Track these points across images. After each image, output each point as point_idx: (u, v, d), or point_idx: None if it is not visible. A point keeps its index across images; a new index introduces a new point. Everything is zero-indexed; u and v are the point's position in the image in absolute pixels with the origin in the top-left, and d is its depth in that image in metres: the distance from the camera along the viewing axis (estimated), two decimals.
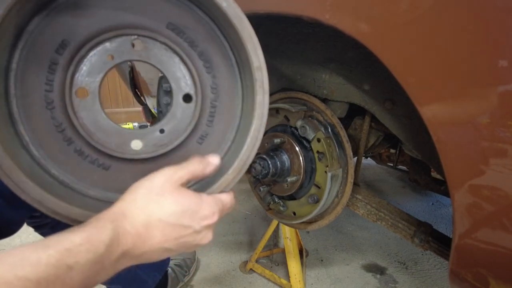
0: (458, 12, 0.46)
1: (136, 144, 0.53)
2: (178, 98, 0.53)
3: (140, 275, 1.18)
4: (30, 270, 0.33)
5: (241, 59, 0.53)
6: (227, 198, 0.52)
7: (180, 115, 0.53)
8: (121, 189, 0.47)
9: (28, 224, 1.00)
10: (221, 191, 0.52)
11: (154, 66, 0.52)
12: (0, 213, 0.72)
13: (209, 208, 0.48)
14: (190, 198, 0.47)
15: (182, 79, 0.52)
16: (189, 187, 0.53)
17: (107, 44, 0.49)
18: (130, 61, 0.54)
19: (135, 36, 0.50)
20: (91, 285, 0.40)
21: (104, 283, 0.51)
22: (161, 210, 0.45)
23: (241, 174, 0.52)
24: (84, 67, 0.48)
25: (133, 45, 0.50)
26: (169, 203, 0.46)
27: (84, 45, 0.48)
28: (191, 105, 0.53)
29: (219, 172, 0.53)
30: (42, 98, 0.47)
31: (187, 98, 0.53)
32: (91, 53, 0.48)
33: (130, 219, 0.43)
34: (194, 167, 0.49)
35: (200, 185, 0.55)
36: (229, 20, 0.47)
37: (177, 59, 0.52)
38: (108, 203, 0.46)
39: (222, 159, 0.54)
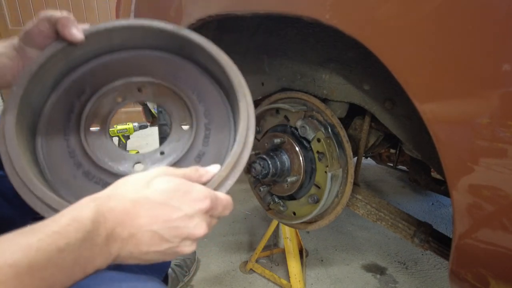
0: (458, 12, 0.46)
1: (139, 168, 0.60)
2: (176, 125, 0.63)
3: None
4: (21, 256, 0.33)
5: (225, 85, 0.63)
6: (221, 195, 0.51)
7: (178, 138, 0.62)
8: None
9: None
10: (215, 189, 0.53)
11: (156, 103, 0.64)
12: (0, 212, 0.72)
13: (200, 192, 0.47)
14: (180, 180, 0.47)
15: (178, 111, 0.63)
16: None
17: (117, 89, 0.62)
18: (135, 101, 0.65)
19: (139, 83, 0.62)
20: (89, 266, 0.40)
21: None
22: (149, 189, 0.44)
23: (236, 174, 0.54)
24: (98, 107, 0.60)
25: (138, 90, 0.63)
26: (158, 182, 0.45)
27: (98, 90, 0.60)
28: (188, 130, 0.62)
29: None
30: (61, 131, 0.58)
31: (184, 125, 0.62)
32: (104, 97, 0.61)
33: (116, 197, 0.43)
34: (191, 173, 0.50)
35: None
36: (211, 55, 0.58)
37: (174, 96, 0.63)
38: None
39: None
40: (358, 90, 0.91)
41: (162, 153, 0.62)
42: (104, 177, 0.59)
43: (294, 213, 1.07)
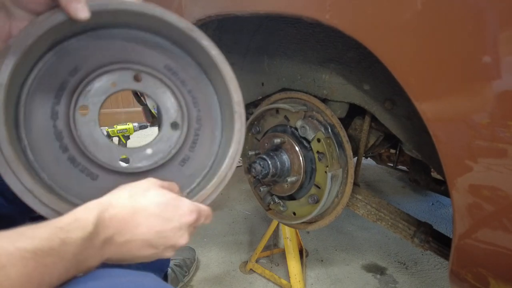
0: (456, 11, 0.46)
1: (124, 165, 0.59)
2: (166, 124, 0.61)
3: None
4: (27, 242, 0.36)
5: (222, 96, 0.64)
6: (204, 207, 0.56)
7: (166, 139, 0.61)
8: None
9: None
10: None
11: (149, 96, 0.61)
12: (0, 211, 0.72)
13: (188, 206, 0.52)
14: (171, 194, 0.52)
15: (171, 109, 0.61)
16: None
17: (112, 74, 0.57)
18: (130, 90, 0.62)
19: (137, 71, 0.59)
20: (83, 265, 0.42)
21: None
22: (146, 199, 0.49)
23: (219, 190, 0.59)
24: (90, 90, 0.56)
25: (135, 78, 0.59)
26: (153, 195, 0.50)
27: (92, 72, 0.55)
28: (178, 131, 0.61)
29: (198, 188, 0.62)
30: (48, 108, 0.53)
31: (174, 125, 0.61)
32: (97, 79, 0.56)
33: (116, 205, 0.47)
34: (176, 186, 0.57)
35: None
36: (217, 65, 0.59)
37: (169, 93, 0.61)
38: None
39: (199, 184, 0.61)
40: (358, 90, 0.91)
41: (149, 151, 0.61)
42: (89, 166, 0.56)
43: (294, 213, 1.07)
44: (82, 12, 0.47)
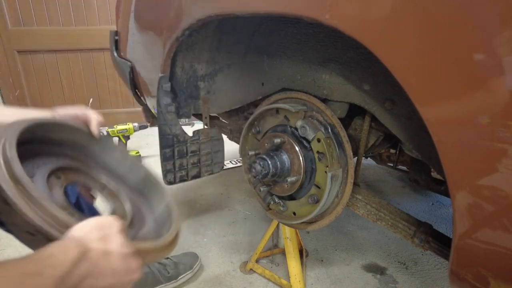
0: (456, 11, 0.46)
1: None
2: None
3: None
4: (12, 266, 0.41)
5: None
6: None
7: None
8: None
9: None
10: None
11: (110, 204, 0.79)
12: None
13: (135, 265, 0.58)
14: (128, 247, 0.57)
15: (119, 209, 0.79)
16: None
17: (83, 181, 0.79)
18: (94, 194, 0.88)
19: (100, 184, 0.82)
20: None
21: None
22: (111, 244, 0.54)
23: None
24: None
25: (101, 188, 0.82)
26: (118, 244, 0.55)
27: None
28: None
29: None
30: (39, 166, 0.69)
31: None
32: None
33: (90, 248, 0.51)
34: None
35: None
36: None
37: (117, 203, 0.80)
38: None
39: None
40: (358, 90, 0.91)
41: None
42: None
43: (294, 213, 1.07)
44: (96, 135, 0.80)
